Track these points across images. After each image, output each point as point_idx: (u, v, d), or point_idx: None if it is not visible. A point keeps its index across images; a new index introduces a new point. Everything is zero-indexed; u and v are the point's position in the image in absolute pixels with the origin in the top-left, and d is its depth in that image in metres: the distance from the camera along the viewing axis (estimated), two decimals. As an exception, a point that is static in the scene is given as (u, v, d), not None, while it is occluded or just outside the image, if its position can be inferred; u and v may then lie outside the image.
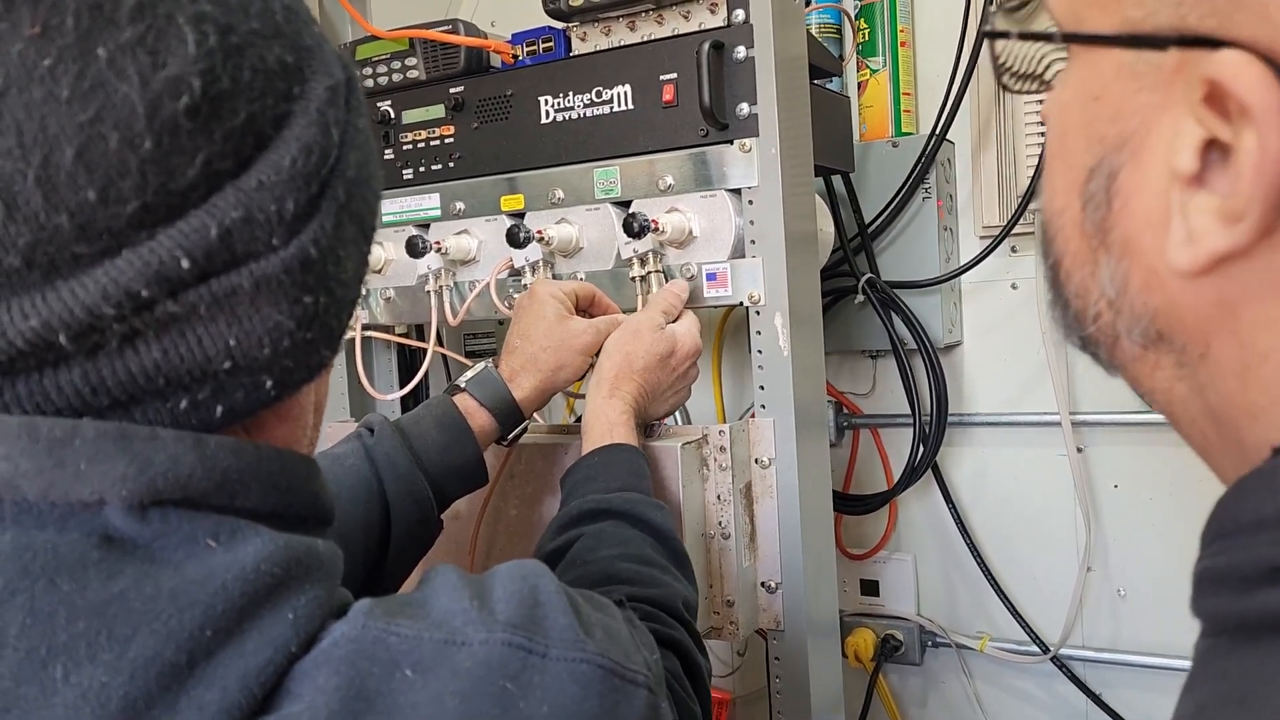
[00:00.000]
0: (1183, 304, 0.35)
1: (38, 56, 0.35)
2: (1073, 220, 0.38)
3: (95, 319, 0.37)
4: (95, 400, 0.38)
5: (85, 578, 0.37)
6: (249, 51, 0.40)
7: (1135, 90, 0.34)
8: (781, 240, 1.00)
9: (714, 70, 0.99)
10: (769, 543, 1.03)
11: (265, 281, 0.40)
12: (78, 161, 0.36)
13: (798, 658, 1.04)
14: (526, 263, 1.10)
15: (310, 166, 0.41)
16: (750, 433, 1.03)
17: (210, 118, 0.38)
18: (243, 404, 0.42)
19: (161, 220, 0.37)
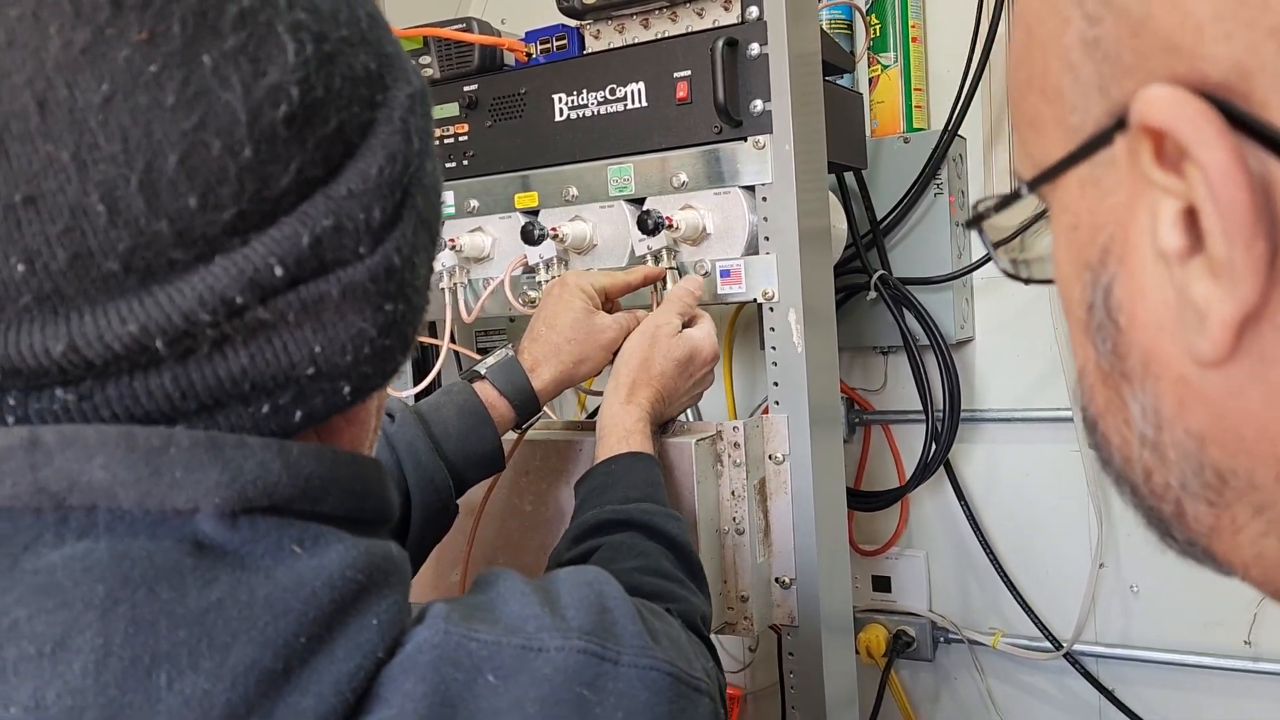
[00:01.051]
0: (1229, 412, 0.28)
1: (144, 62, 0.36)
2: (1093, 369, 0.33)
3: (191, 324, 0.37)
4: (183, 404, 0.38)
5: (183, 585, 0.37)
6: (339, 60, 0.40)
7: (1102, 198, 0.30)
8: (795, 237, 1.00)
9: (728, 67, 0.99)
10: (783, 539, 1.03)
11: (352, 289, 0.40)
12: (180, 168, 0.36)
13: (812, 653, 1.04)
14: (540, 260, 1.10)
15: (394, 175, 0.41)
16: (764, 429, 1.03)
17: (305, 126, 0.39)
18: (320, 409, 0.42)
19: (254, 227, 0.38)
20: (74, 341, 0.36)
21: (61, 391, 0.37)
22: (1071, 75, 0.30)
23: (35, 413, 0.38)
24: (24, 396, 0.38)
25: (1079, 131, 0.30)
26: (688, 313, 0.99)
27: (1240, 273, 0.26)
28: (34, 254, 0.35)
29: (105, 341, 0.36)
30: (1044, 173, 0.32)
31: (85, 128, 0.35)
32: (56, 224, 0.35)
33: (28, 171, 0.35)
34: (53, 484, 0.37)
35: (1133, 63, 0.28)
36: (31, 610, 0.36)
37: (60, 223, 0.35)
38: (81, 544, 0.37)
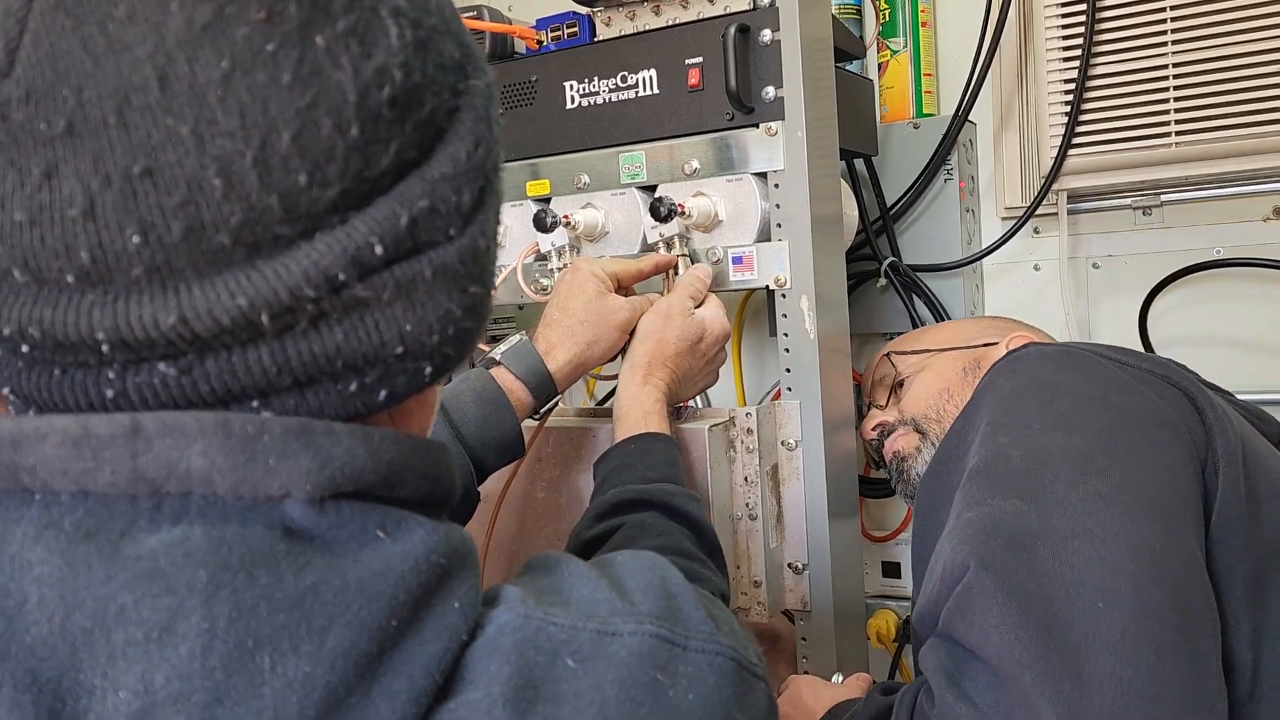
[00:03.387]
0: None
1: (262, 41, 0.36)
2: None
3: (295, 300, 0.38)
4: (278, 380, 0.39)
5: (279, 570, 0.37)
6: (432, 46, 0.41)
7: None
8: (807, 223, 1.00)
9: (739, 54, 0.99)
10: (796, 524, 1.03)
11: (442, 270, 0.41)
12: (293, 145, 0.37)
13: (825, 638, 1.04)
14: (552, 247, 1.10)
15: (479, 160, 0.43)
16: (776, 415, 1.03)
17: (405, 108, 0.39)
18: (402, 389, 0.43)
19: (353, 206, 0.39)
20: (184, 314, 0.36)
21: (164, 365, 0.38)
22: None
23: (134, 387, 0.38)
24: (124, 370, 0.38)
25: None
26: (698, 296, 1.00)
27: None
28: (149, 225, 0.36)
29: (214, 315, 0.37)
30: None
31: (205, 103, 0.36)
32: (173, 196, 0.36)
33: (147, 144, 0.36)
34: (151, 470, 0.37)
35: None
36: (137, 595, 0.36)
37: (177, 195, 0.36)
38: (177, 529, 0.37)
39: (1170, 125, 1.24)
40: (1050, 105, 1.32)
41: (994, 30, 1.29)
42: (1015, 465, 0.74)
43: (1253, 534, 0.72)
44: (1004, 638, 0.64)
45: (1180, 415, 0.76)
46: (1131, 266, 1.33)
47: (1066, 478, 0.71)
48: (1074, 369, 0.81)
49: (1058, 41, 1.31)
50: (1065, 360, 0.82)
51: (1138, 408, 0.76)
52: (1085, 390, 0.78)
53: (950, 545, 0.71)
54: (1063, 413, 0.76)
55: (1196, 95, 1.23)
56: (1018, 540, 0.68)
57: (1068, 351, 0.84)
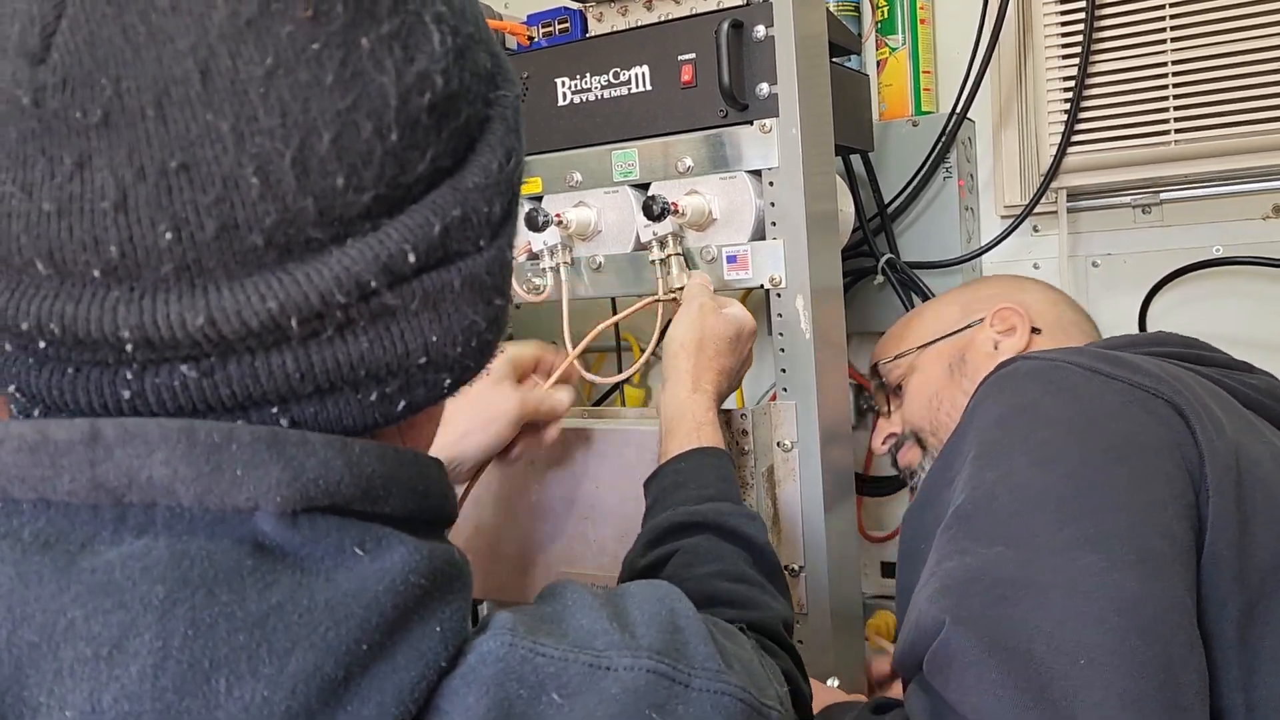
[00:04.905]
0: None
1: (307, 40, 0.36)
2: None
3: (325, 305, 0.37)
4: (300, 387, 0.38)
5: (243, 588, 0.36)
6: (468, 55, 0.41)
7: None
8: (802, 221, 0.99)
9: (733, 50, 0.98)
10: (792, 526, 1.02)
11: (470, 280, 0.41)
12: (333, 146, 0.36)
13: (822, 640, 1.03)
14: (545, 246, 1.09)
15: (508, 172, 0.42)
16: (772, 416, 1.02)
17: (443, 115, 0.39)
18: (421, 399, 0.42)
19: (385, 213, 0.38)
20: (212, 314, 0.35)
21: (185, 367, 0.37)
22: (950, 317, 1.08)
23: (152, 388, 0.37)
24: (142, 371, 0.37)
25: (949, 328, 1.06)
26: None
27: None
28: (182, 222, 0.35)
29: (243, 317, 0.36)
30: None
31: (246, 99, 0.35)
32: (209, 193, 0.35)
33: (185, 138, 0.35)
34: (111, 479, 0.36)
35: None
36: (88, 610, 0.34)
37: (213, 192, 0.35)
38: (140, 542, 0.36)
39: (1170, 123, 1.23)
40: (1049, 103, 1.31)
41: (993, 27, 1.28)
42: (1000, 506, 0.71)
43: (1244, 565, 0.70)
44: (982, 697, 0.62)
45: (1173, 437, 0.73)
46: (1131, 264, 1.32)
47: (1050, 520, 0.69)
48: (1060, 391, 0.78)
49: (1057, 39, 1.30)
50: (1051, 380, 0.79)
51: (1126, 433, 0.73)
52: (1070, 417, 0.75)
53: (927, 594, 0.69)
54: (1047, 444, 0.74)
55: (1196, 93, 1.22)
56: (998, 592, 0.66)
57: (1055, 367, 0.80)
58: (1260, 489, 0.73)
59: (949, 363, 1.07)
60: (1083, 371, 0.79)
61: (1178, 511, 0.70)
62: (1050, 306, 1.08)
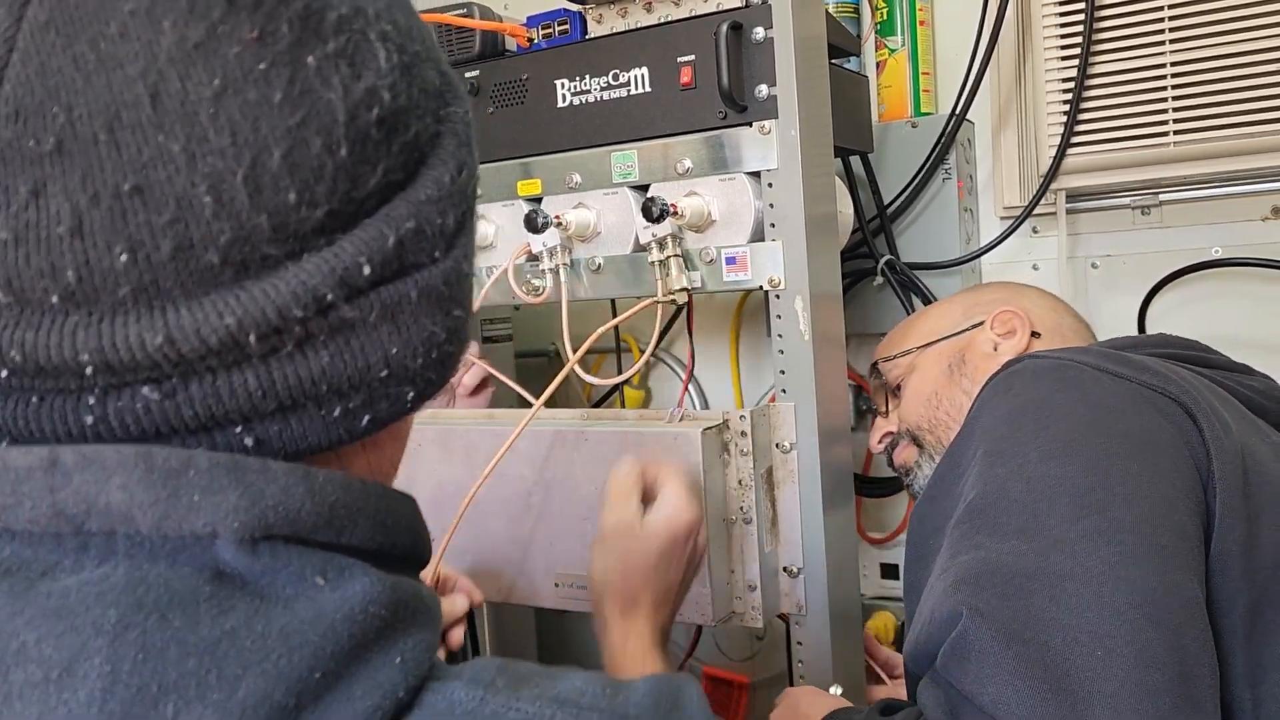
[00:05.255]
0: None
1: (254, 60, 0.36)
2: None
3: (283, 320, 0.37)
4: (263, 404, 0.38)
5: (197, 613, 0.36)
6: (416, 71, 0.42)
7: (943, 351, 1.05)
8: (801, 223, 0.99)
9: (732, 51, 0.98)
10: (791, 527, 1.02)
11: (427, 292, 0.41)
12: (284, 163, 0.37)
13: (820, 642, 1.03)
14: (544, 248, 1.09)
15: (461, 184, 0.43)
16: (771, 417, 1.02)
17: (392, 130, 0.40)
18: (385, 414, 0.42)
19: (340, 227, 0.39)
20: (170, 334, 0.36)
21: (147, 389, 0.37)
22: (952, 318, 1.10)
23: (115, 412, 0.37)
24: (105, 396, 0.37)
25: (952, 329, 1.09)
26: (638, 489, 0.87)
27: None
28: (138, 244, 0.35)
29: (201, 335, 0.36)
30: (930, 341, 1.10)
31: (196, 120, 0.35)
32: (163, 214, 0.35)
33: (137, 161, 0.35)
34: (71, 506, 0.36)
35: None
36: (40, 634, 0.35)
37: (167, 213, 0.35)
38: (100, 569, 0.36)
39: (1169, 124, 1.23)
40: (1049, 104, 1.31)
41: (992, 28, 1.28)
42: (1014, 500, 0.72)
43: (1251, 562, 0.70)
44: (1000, 688, 0.63)
45: (1181, 434, 0.74)
46: (1130, 266, 1.32)
47: (1065, 513, 0.69)
48: (1070, 388, 0.78)
49: (1056, 40, 1.30)
50: (1061, 378, 0.80)
51: (1137, 430, 0.74)
52: (1082, 413, 0.76)
53: (943, 586, 0.70)
54: (1059, 439, 0.74)
55: (1195, 94, 1.22)
56: (1014, 584, 0.66)
57: (1063, 366, 0.81)
58: (1266, 488, 0.73)
59: (949, 362, 1.07)
60: (1091, 370, 0.79)
61: (1189, 508, 0.70)
62: (1050, 312, 1.09)
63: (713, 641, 1.54)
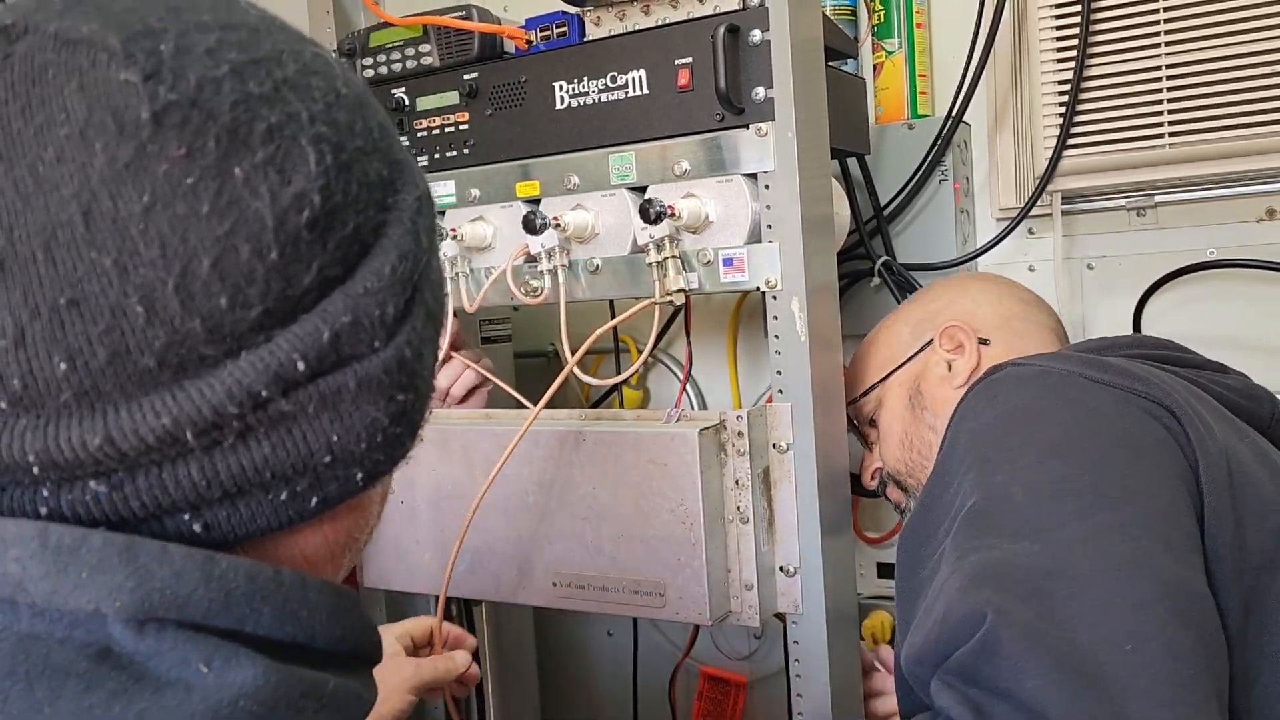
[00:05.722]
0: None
1: (182, 175, 0.38)
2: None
3: (219, 416, 0.38)
4: (208, 493, 0.40)
5: (62, 688, 0.37)
6: (355, 167, 0.42)
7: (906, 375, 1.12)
8: (798, 224, 0.99)
9: (729, 54, 0.98)
10: (787, 527, 1.03)
11: (367, 381, 0.42)
12: (213, 271, 0.38)
13: (816, 641, 1.04)
14: (543, 249, 1.10)
15: (405, 272, 0.44)
16: (768, 417, 1.03)
17: (326, 229, 0.41)
18: (335, 494, 0.43)
19: (278, 324, 0.40)
20: (110, 434, 0.37)
21: (94, 483, 0.39)
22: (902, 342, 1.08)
23: (67, 503, 0.39)
24: (57, 489, 0.39)
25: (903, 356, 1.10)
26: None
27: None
28: (75, 353, 0.37)
29: (139, 434, 0.38)
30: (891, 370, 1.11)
31: (127, 235, 0.37)
32: (98, 325, 0.37)
33: (72, 276, 0.37)
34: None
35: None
36: None
37: (101, 323, 0.37)
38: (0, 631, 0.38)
39: (1164, 126, 1.24)
40: (1045, 106, 1.31)
41: (989, 31, 1.29)
42: (1017, 503, 0.71)
43: (1240, 563, 0.70)
44: (1038, 681, 0.63)
45: (1170, 438, 0.74)
46: (1126, 267, 1.33)
47: (1074, 511, 0.69)
48: (1055, 394, 0.78)
49: (1052, 42, 1.30)
50: (1045, 385, 0.79)
51: (1130, 431, 0.74)
52: (1072, 417, 0.76)
53: (957, 586, 0.69)
54: (1054, 442, 0.74)
55: (1191, 96, 1.22)
56: (1032, 583, 0.66)
57: (1045, 373, 0.80)
58: (1249, 489, 0.73)
59: (908, 395, 1.07)
60: (1073, 377, 0.79)
61: (1186, 507, 0.70)
62: (994, 307, 1.08)
63: (710, 640, 1.55)
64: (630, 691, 1.55)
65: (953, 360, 1.05)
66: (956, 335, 1.05)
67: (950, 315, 1.08)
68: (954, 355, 1.05)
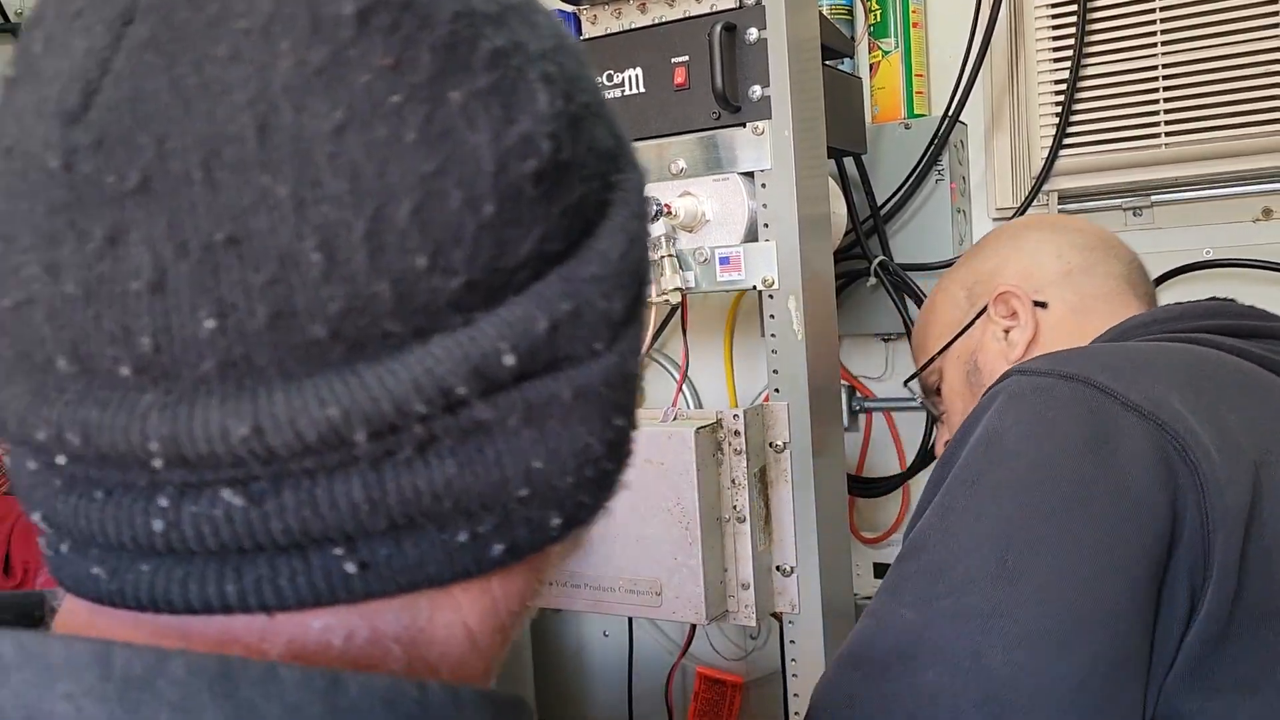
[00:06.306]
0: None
1: (386, 91, 0.29)
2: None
3: (401, 416, 0.29)
4: (370, 522, 0.30)
5: None
6: (584, 125, 0.34)
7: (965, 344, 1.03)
8: (795, 223, 0.99)
9: (726, 52, 0.98)
10: (784, 526, 1.03)
11: (583, 393, 0.33)
12: (413, 218, 0.29)
13: (813, 641, 1.04)
14: (539, 248, 1.10)
15: (632, 264, 0.35)
16: (765, 417, 1.03)
17: (552, 188, 0.32)
18: (524, 543, 0.34)
19: (480, 304, 0.31)
20: (260, 423, 0.29)
21: (229, 493, 0.30)
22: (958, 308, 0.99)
23: (189, 519, 0.30)
24: (180, 497, 0.30)
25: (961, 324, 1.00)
26: None
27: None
28: (228, 307, 0.28)
29: (297, 428, 0.29)
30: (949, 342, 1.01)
31: (310, 160, 0.29)
32: (261, 272, 0.28)
33: (236, 206, 0.28)
34: (9, 711, 0.29)
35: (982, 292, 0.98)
36: None
37: (266, 271, 0.28)
38: None
39: (1160, 126, 1.24)
40: (1041, 106, 1.31)
41: (985, 31, 1.29)
42: (926, 554, 0.67)
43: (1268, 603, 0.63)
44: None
45: (1166, 470, 0.65)
46: (1122, 267, 1.33)
47: (959, 581, 0.64)
48: (1033, 422, 0.69)
49: (1048, 42, 1.31)
50: (1029, 408, 0.70)
51: (1091, 478, 0.65)
52: (1032, 455, 0.67)
53: (836, 657, 0.69)
54: (994, 485, 0.67)
55: (1186, 96, 1.23)
56: (883, 665, 0.64)
57: (1041, 389, 0.71)
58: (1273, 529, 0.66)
59: (966, 371, 0.99)
60: (1082, 386, 0.70)
61: (1129, 579, 0.63)
62: (1053, 261, 0.96)
63: (706, 641, 1.55)
64: (625, 692, 1.55)
65: (1010, 328, 0.95)
66: (1010, 301, 0.95)
67: (1005, 277, 0.97)
68: (1010, 322, 0.95)
